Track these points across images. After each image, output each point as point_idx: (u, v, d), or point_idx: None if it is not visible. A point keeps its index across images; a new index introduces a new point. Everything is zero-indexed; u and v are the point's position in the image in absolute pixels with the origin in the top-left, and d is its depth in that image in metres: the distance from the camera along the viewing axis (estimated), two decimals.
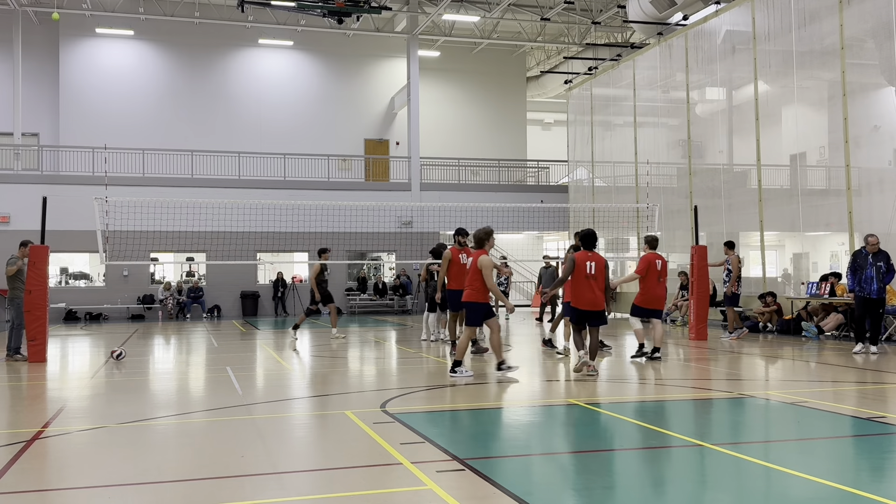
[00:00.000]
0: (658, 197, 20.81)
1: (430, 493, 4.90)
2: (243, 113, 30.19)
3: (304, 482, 5.39)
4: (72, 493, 5.24)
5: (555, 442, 6.85)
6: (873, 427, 7.01)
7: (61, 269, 27.09)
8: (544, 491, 5.07)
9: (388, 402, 8.36)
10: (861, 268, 12.58)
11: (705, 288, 16.02)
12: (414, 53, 29.31)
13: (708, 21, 20.91)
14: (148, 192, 25.18)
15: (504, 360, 10.10)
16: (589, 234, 10.11)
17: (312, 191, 26.90)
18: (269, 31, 29.85)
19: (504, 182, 31.39)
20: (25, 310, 12.61)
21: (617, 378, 10.44)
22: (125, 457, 6.15)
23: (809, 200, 18.10)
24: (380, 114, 32.10)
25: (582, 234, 10.15)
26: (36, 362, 12.45)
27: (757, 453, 6.01)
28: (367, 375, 11.25)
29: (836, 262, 22.00)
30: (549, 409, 8.17)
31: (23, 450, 6.28)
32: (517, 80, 35.12)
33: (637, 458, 6.10)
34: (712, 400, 8.65)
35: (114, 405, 8.67)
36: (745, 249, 21.71)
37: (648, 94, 24.13)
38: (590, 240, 10.06)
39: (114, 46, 29.29)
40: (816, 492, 4.99)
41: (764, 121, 18.93)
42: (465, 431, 7.26)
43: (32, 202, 17.90)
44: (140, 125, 28.68)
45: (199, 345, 16.21)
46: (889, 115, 16.48)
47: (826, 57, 17.09)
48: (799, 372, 11.32)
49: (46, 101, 28.51)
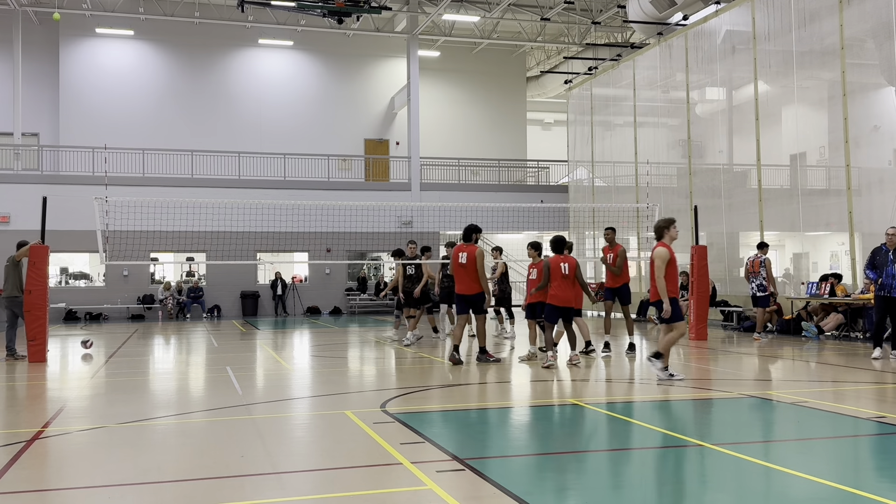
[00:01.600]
0: (658, 197, 20.79)
1: (430, 493, 4.90)
2: (243, 113, 30.19)
3: (304, 482, 5.39)
4: (72, 493, 5.24)
5: (555, 442, 6.85)
6: (873, 427, 7.01)
7: (61, 269, 27.09)
8: (544, 491, 5.07)
9: (388, 402, 8.36)
10: (881, 265, 11.56)
11: (705, 288, 16.02)
12: (414, 53, 29.32)
13: (708, 21, 20.91)
14: (148, 192, 25.19)
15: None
16: (558, 240, 11.37)
17: (312, 191, 26.91)
18: (269, 31, 29.85)
19: (504, 182, 31.40)
20: (25, 310, 12.61)
21: (617, 378, 10.44)
22: (125, 457, 6.15)
23: (809, 200, 18.09)
24: (380, 114, 32.10)
25: (552, 241, 11.35)
26: (36, 362, 12.45)
27: (757, 453, 6.01)
28: (367, 375, 11.25)
29: (836, 262, 22.00)
30: (549, 409, 8.17)
31: (23, 450, 6.28)
32: (517, 80, 35.12)
33: (637, 458, 6.10)
34: (712, 400, 8.65)
35: (114, 405, 8.67)
36: (745, 249, 21.68)
37: (648, 94, 24.13)
38: (559, 245, 11.29)
39: (114, 46, 29.29)
40: (816, 492, 4.99)
41: (764, 121, 18.92)
42: (465, 431, 7.25)
43: (32, 202, 17.90)
44: (140, 125, 28.68)
45: (199, 345, 16.21)
46: (889, 115, 16.48)
47: (826, 57, 17.09)
48: (799, 372, 11.31)
49: (46, 101, 28.52)
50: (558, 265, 11.04)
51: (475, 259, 11.40)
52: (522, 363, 11.71)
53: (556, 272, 11.04)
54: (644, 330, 19.11)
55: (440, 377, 10.52)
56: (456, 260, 11.64)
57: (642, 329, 19.45)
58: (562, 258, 11.13)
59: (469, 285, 11.46)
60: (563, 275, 11.00)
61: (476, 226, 11.89)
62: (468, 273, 11.43)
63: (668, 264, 9.42)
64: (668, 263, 9.43)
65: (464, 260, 11.48)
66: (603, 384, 9.72)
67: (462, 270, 11.49)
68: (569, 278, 11.05)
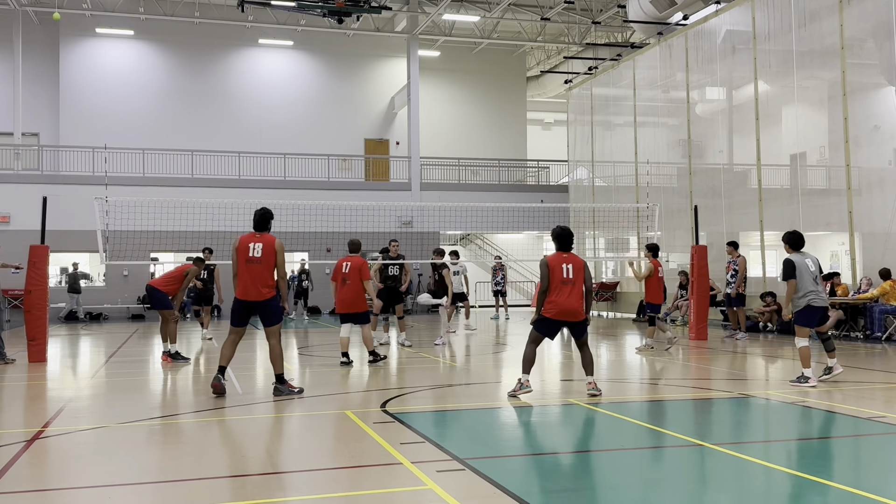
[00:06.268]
0: (658, 197, 20.80)
1: (430, 493, 4.90)
2: (243, 113, 30.19)
3: (304, 482, 5.39)
4: (72, 493, 5.24)
5: (555, 442, 6.85)
6: (873, 427, 7.00)
7: (61, 269, 27.08)
8: (544, 491, 5.06)
9: (388, 402, 8.36)
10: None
11: (705, 288, 16.01)
12: (414, 53, 29.31)
13: (708, 21, 20.91)
14: (148, 192, 25.18)
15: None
16: (562, 233, 8.62)
17: (312, 191, 26.89)
18: (269, 31, 29.86)
19: (504, 182, 31.39)
20: (25, 310, 12.57)
21: (617, 378, 10.44)
22: (125, 457, 6.14)
23: (810, 200, 18.08)
24: (380, 114, 32.10)
25: (555, 233, 8.66)
26: (36, 362, 12.43)
27: (757, 453, 6.00)
28: (367, 375, 11.24)
29: (836, 261, 22.00)
30: (549, 408, 8.16)
31: (23, 450, 6.27)
32: (517, 79, 35.12)
33: (637, 457, 6.10)
34: (712, 400, 8.65)
35: (114, 405, 8.67)
36: (746, 249, 21.60)
37: (648, 94, 24.12)
38: (564, 240, 8.59)
39: (114, 46, 29.30)
40: (817, 492, 4.99)
41: (764, 121, 18.92)
42: (465, 431, 7.25)
43: (32, 202, 17.88)
44: (140, 125, 28.68)
45: (199, 345, 16.20)
46: (889, 115, 16.47)
47: (826, 57, 17.08)
48: (799, 372, 11.29)
49: (46, 101, 28.52)
50: (559, 266, 8.38)
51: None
52: (639, 354, 12.91)
53: (557, 275, 8.36)
54: (643, 329, 19.10)
55: (440, 377, 10.51)
56: (340, 270, 11.59)
57: (642, 329, 19.45)
58: (564, 257, 8.47)
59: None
60: (566, 278, 8.34)
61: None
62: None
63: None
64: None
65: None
66: (603, 384, 9.72)
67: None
68: (572, 283, 8.37)
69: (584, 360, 8.63)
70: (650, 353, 12.96)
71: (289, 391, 8.77)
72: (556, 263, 8.41)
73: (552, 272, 8.36)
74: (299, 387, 8.99)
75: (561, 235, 8.61)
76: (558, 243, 8.61)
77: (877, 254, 15.90)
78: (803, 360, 9.25)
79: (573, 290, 8.34)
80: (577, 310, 8.34)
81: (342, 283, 11.52)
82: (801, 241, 9.46)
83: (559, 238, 8.61)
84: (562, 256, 8.49)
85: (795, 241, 9.46)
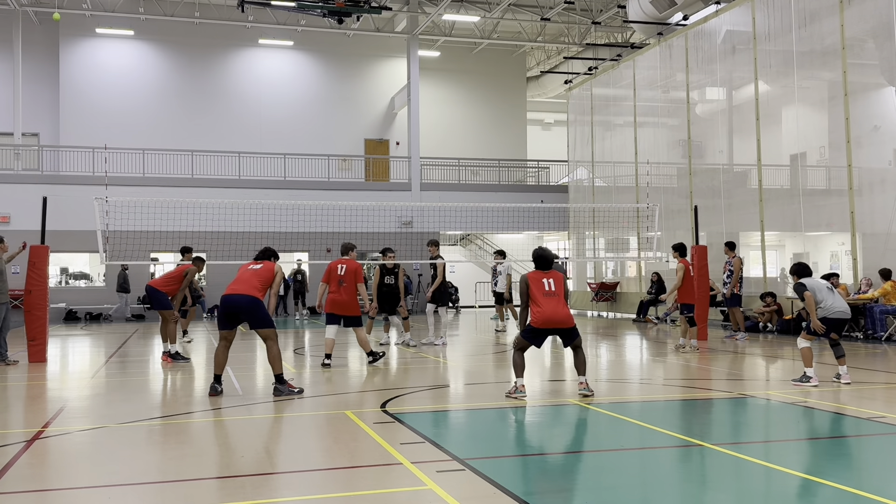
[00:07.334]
0: (658, 197, 20.80)
1: (430, 493, 4.90)
2: (243, 113, 30.18)
3: (304, 482, 5.38)
4: (72, 493, 5.24)
5: (555, 442, 6.84)
6: (874, 427, 7.00)
7: (61, 269, 27.08)
8: (544, 491, 5.06)
9: (388, 402, 8.36)
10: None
11: (705, 288, 16.01)
12: (414, 53, 29.31)
13: (708, 21, 20.91)
14: (148, 192, 25.17)
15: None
16: (542, 255, 8.70)
17: (312, 191, 26.89)
18: (269, 31, 29.85)
19: (504, 182, 31.39)
20: (26, 310, 12.55)
21: (617, 378, 10.44)
22: (125, 457, 6.14)
23: (810, 200, 18.08)
24: (380, 114, 32.10)
25: (535, 254, 8.76)
26: (36, 362, 12.43)
27: (757, 453, 6.00)
28: (367, 375, 11.24)
29: (837, 262, 22.00)
30: (548, 408, 8.16)
31: (23, 450, 6.27)
32: (517, 80, 35.12)
33: (637, 458, 6.10)
34: (712, 400, 8.65)
35: (114, 405, 8.67)
36: (746, 249, 21.68)
37: (648, 94, 24.12)
38: (543, 262, 8.66)
39: (114, 46, 29.29)
40: (817, 492, 4.99)
41: (764, 121, 18.92)
42: (465, 431, 7.25)
43: (32, 202, 17.89)
44: (140, 125, 28.68)
45: (199, 345, 16.19)
46: (889, 115, 16.47)
47: (826, 57, 17.08)
48: (799, 372, 11.29)
49: (46, 101, 28.51)
50: (539, 280, 8.47)
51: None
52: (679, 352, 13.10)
53: (538, 289, 8.41)
54: (643, 329, 19.12)
55: (440, 377, 10.51)
56: (335, 271, 11.59)
57: (642, 329, 19.46)
58: (544, 273, 8.57)
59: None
60: (548, 291, 8.41)
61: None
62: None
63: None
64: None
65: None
66: (603, 384, 9.71)
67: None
68: (555, 295, 8.44)
69: (577, 360, 8.70)
70: (690, 353, 12.98)
71: (289, 391, 8.85)
72: (536, 279, 8.51)
73: (532, 287, 8.43)
74: (299, 387, 9.06)
75: (541, 257, 8.69)
76: (537, 264, 8.70)
77: (877, 254, 15.91)
78: (805, 360, 9.29)
79: (559, 301, 8.44)
80: (565, 318, 8.40)
81: (338, 286, 11.53)
82: (807, 270, 9.62)
83: (538, 259, 8.70)
84: (542, 273, 8.59)
85: (803, 271, 9.59)
